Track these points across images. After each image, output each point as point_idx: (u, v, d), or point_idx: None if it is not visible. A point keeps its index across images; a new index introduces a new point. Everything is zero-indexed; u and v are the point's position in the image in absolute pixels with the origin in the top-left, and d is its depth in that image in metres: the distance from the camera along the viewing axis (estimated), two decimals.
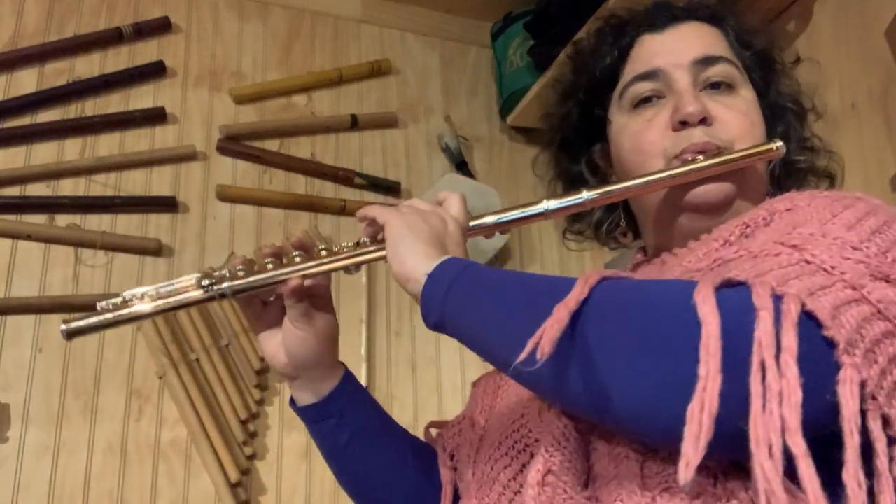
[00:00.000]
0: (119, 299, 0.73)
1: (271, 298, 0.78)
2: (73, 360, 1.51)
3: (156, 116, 1.73)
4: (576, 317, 0.48)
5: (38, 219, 1.58)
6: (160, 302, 0.74)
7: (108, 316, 0.73)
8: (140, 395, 1.53)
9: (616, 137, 0.76)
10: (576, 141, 0.84)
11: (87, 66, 1.72)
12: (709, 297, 0.43)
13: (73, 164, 1.63)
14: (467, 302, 0.59)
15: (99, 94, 1.71)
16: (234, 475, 1.49)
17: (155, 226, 1.66)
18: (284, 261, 0.76)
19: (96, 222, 1.62)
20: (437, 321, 0.61)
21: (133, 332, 1.56)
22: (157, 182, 1.69)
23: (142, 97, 1.74)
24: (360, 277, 1.78)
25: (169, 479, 1.50)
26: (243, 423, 1.55)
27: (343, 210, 1.81)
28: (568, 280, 0.54)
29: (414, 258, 0.64)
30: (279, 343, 0.78)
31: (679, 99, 0.70)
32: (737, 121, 0.70)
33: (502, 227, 0.75)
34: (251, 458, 1.55)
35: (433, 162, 1.98)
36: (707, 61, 0.72)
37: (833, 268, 0.47)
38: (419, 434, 0.89)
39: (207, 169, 1.75)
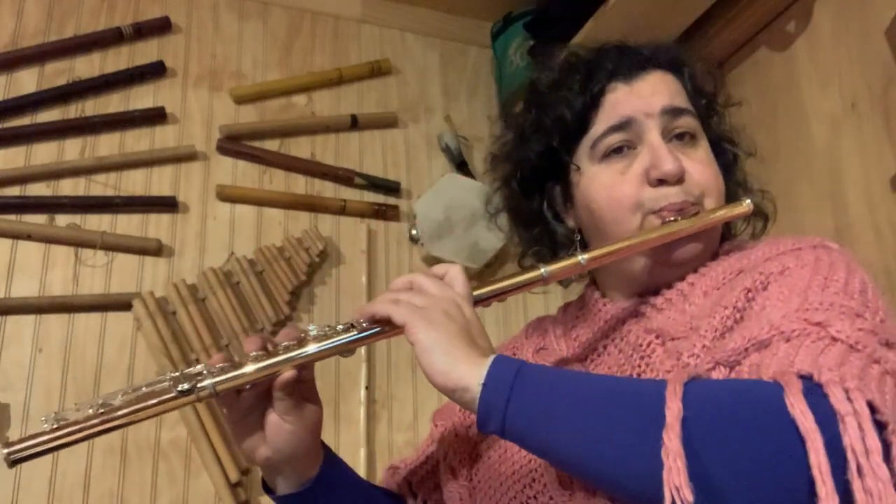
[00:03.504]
0: (79, 413, 0.66)
1: (247, 387, 0.71)
2: (73, 360, 1.51)
3: (156, 116, 1.73)
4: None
5: (38, 219, 1.58)
6: (128, 410, 0.66)
7: (67, 431, 0.64)
8: None
9: (586, 185, 0.78)
10: (533, 179, 0.84)
11: (87, 66, 1.72)
12: (806, 412, 0.48)
13: (73, 164, 1.63)
14: (536, 412, 0.58)
15: (99, 94, 1.71)
16: (234, 475, 1.49)
17: (155, 226, 1.66)
18: (269, 348, 0.70)
19: (96, 222, 1.62)
20: (496, 429, 0.60)
21: (133, 332, 1.57)
22: (157, 182, 1.69)
23: (142, 97, 1.74)
24: (360, 277, 1.78)
25: (169, 479, 1.50)
26: None
27: (343, 210, 1.81)
28: (640, 384, 0.60)
29: (457, 367, 0.61)
30: (259, 437, 0.73)
31: (656, 156, 0.74)
32: (704, 174, 0.75)
33: (502, 296, 0.73)
34: None
35: (433, 162, 1.98)
36: (674, 112, 0.76)
37: (857, 343, 0.55)
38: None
39: (207, 169, 1.75)
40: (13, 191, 1.58)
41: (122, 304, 1.56)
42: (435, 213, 1.84)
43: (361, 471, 1.60)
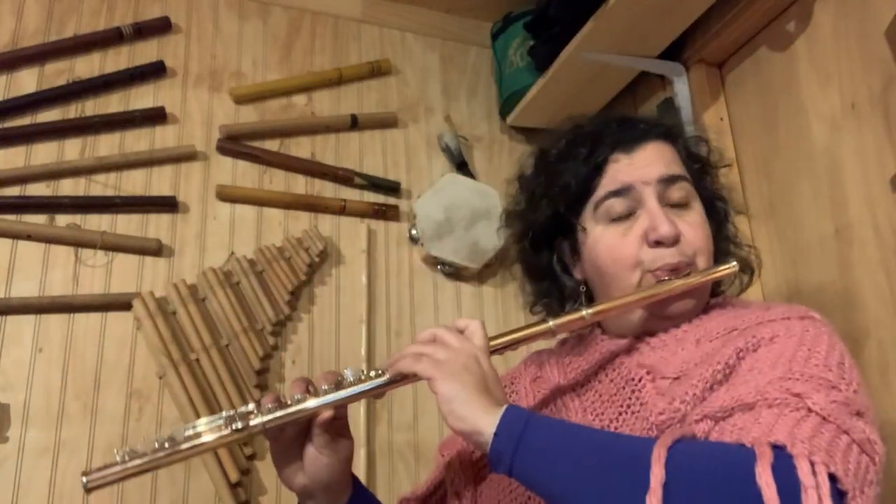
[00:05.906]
0: (152, 445, 0.74)
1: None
2: (73, 360, 1.51)
3: (156, 116, 1.73)
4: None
5: (38, 219, 1.58)
6: (189, 445, 0.75)
7: (136, 463, 0.73)
8: (140, 395, 1.53)
9: (592, 244, 0.87)
10: (543, 237, 0.94)
11: (87, 66, 1.72)
12: (771, 484, 0.55)
13: (73, 164, 1.63)
14: (540, 460, 0.66)
15: (99, 94, 1.71)
16: (234, 475, 1.49)
17: (155, 226, 1.66)
18: (310, 390, 0.79)
19: (96, 222, 1.62)
20: (505, 471, 0.68)
21: (133, 333, 1.57)
22: (157, 182, 1.69)
23: (142, 97, 1.74)
24: (360, 276, 1.78)
25: (169, 479, 1.50)
26: None
27: (343, 210, 1.81)
28: (631, 442, 0.66)
29: (473, 414, 0.70)
30: (297, 466, 0.82)
31: (654, 220, 0.83)
32: (697, 236, 0.85)
33: (514, 346, 0.82)
34: (251, 458, 1.55)
35: (433, 162, 1.98)
36: (669, 179, 0.85)
37: (829, 415, 0.62)
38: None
39: (207, 169, 1.75)
40: (13, 191, 1.58)
41: (122, 304, 1.56)
42: (435, 213, 1.84)
43: (362, 471, 1.60)
